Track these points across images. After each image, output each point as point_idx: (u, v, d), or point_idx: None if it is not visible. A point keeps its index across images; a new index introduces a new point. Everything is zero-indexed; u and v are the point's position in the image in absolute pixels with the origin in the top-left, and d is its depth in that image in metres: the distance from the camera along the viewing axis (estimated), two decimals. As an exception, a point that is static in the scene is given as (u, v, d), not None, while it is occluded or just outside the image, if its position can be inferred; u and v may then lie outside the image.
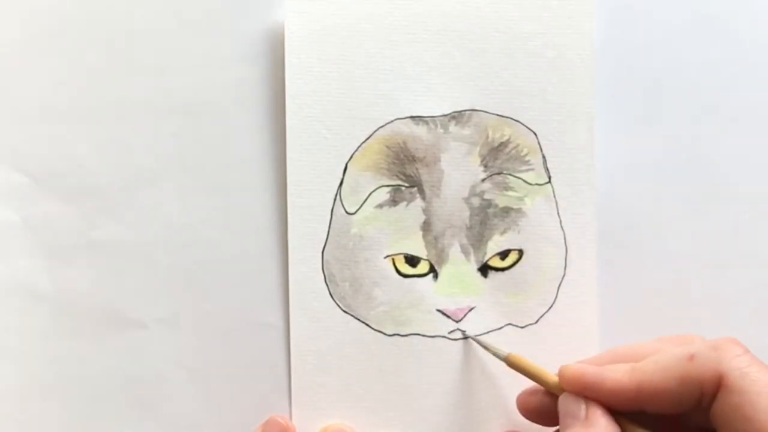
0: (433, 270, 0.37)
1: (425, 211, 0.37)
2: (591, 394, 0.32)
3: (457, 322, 0.37)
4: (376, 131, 0.37)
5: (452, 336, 0.37)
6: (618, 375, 0.31)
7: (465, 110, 0.37)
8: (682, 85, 0.38)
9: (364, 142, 0.37)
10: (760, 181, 0.38)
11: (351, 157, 0.37)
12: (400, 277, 0.37)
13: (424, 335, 0.37)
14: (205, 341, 0.37)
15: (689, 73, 0.38)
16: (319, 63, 0.37)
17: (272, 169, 0.38)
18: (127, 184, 0.38)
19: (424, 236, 0.37)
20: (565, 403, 0.32)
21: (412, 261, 0.37)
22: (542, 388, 0.34)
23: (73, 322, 0.38)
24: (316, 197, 0.37)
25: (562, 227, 0.37)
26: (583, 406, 0.31)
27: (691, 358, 0.30)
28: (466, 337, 0.37)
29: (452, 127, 0.37)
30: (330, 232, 0.37)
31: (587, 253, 0.37)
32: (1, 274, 0.38)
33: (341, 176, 0.37)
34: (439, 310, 0.37)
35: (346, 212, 0.37)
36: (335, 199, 0.37)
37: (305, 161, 0.37)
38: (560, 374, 0.33)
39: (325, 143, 0.37)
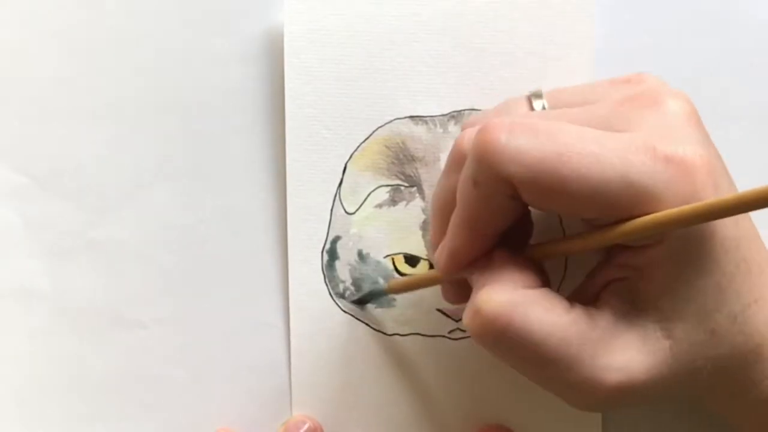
0: (433, 269, 0.37)
1: (425, 210, 0.37)
2: (463, 265, 0.31)
3: (457, 321, 0.37)
4: (375, 131, 0.37)
5: (452, 335, 0.37)
6: (459, 239, 0.30)
7: (465, 110, 0.37)
8: (681, 85, 0.38)
9: (363, 142, 0.37)
10: (760, 180, 0.38)
11: (350, 157, 0.37)
12: (400, 277, 0.37)
13: (424, 335, 0.37)
14: (205, 341, 0.37)
15: (689, 73, 0.38)
16: (318, 63, 0.37)
17: (272, 169, 0.38)
18: (127, 184, 0.38)
19: (423, 236, 0.37)
20: (467, 273, 0.31)
21: (411, 261, 0.37)
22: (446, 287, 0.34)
23: (73, 322, 0.38)
24: (316, 197, 0.37)
25: (562, 226, 0.37)
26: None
27: (475, 184, 0.29)
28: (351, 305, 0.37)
29: (452, 127, 0.37)
30: (330, 232, 0.37)
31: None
32: (0, 274, 0.38)
33: (341, 176, 0.37)
34: (439, 310, 0.37)
35: (346, 212, 0.37)
36: (335, 199, 0.37)
37: (305, 161, 0.37)
38: (437, 269, 0.32)
39: (324, 143, 0.37)
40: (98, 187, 0.38)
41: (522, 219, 0.31)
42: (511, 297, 0.29)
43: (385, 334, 0.37)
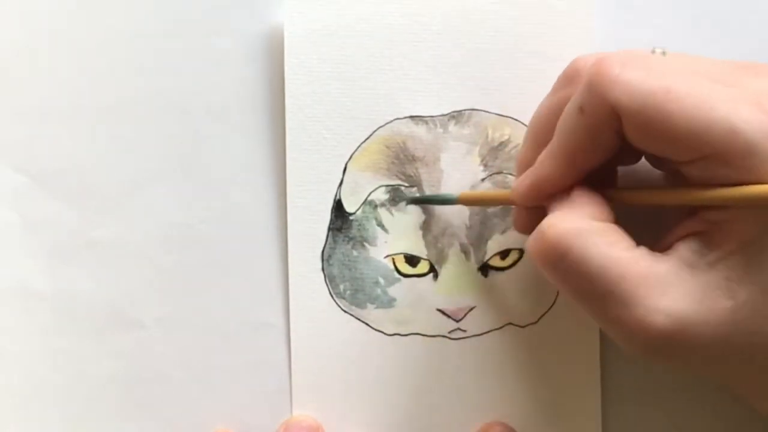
0: (433, 269, 0.37)
1: (425, 210, 0.37)
2: (544, 196, 0.32)
3: (457, 321, 0.37)
4: (375, 131, 0.37)
5: (452, 335, 0.37)
6: (548, 168, 0.31)
7: (464, 110, 0.37)
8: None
9: (363, 142, 0.37)
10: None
11: (351, 157, 0.37)
12: (400, 277, 0.37)
13: (424, 335, 0.37)
14: (205, 341, 0.37)
15: (689, 73, 0.38)
16: (318, 63, 0.37)
17: (272, 169, 0.38)
18: (127, 184, 0.38)
19: (423, 236, 0.37)
20: (547, 203, 0.32)
21: (412, 261, 0.37)
22: (519, 210, 0.34)
23: (73, 322, 0.38)
24: (316, 197, 0.37)
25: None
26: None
27: (581, 111, 0.30)
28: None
29: (452, 127, 0.37)
30: (330, 232, 0.37)
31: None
32: (0, 274, 0.38)
33: (341, 176, 0.37)
34: (439, 310, 0.37)
35: (346, 212, 0.37)
36: (335, 199, 0.37)
37: (305, 161, 0.37)
38: (513, 196, 0.33)
39: (324, 143, 0.37)
40: (98, 187, 0.38)
41: (610, 165, 0.32)
42: (576, 225, 0.29)
43: (385, 334, 0.37)
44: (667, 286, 0.28)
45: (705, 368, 0.30)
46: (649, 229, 0.31)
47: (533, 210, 0.33)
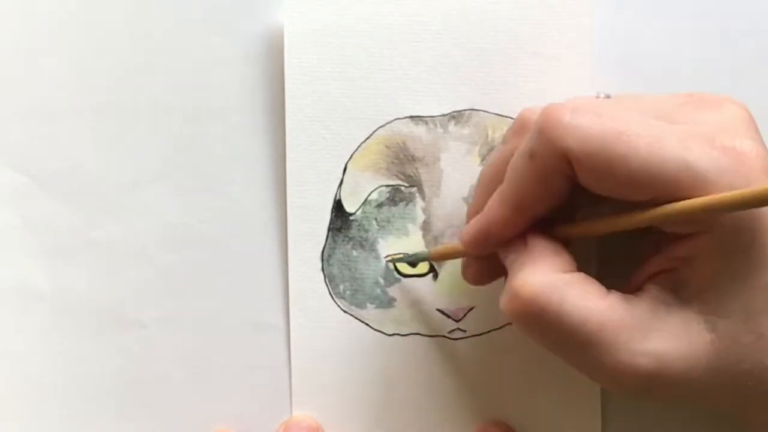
0: (432, 270, 0.37)
1: (425, 210, 0.37)
2: (494, 245, 0.32)
3: (457, 321, 0.37)
4: (375, 131, 0.37)
5: (452, 335, 0.37)
6: (496, 213, 0.31)
7: (464, 110, 0.37)
8: (682, 85, 0.38)
9: (363, 142, 0.37)
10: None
11: (351, 157, 0.37)
12: (400, 277, 0.37)
13: (424, 335, 0.37)
14: (205, 341, 0.37)
15: (689, 73, 0.38)
16: (318, 63, 0.37)
17: (272, 169, 0.38)
18: (127, 184, 0.38)
19: (424, 236, 0.37)
20: (502, 253, 0.32)
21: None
22: (470, 259, 0.34)
23: (73, 322, 0.38)
24: (316, 197, 0.37)
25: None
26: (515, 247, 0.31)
27: (531, 156, 0.30)
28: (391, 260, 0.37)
29: (452, 127, 0.37)
30: (330, 232, 0.37)
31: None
32: (0, 274, 0.38)
33: (341, 176, 0.37)
34: (439, 310, 0.37)
35: (346, 212, 0.37)
36: (335, 199, 0.37)
37: (305, 161, 0.37)
38: (462, 244, 0.33)
39: (324, 143, 0.37)
40: (98, 187, 0.38)
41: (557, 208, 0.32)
42: (548, 280, 0.29)
43: (385, 334, 0.37)
44: (647, 329, 0.29)
45: (693, 401, 0.31)
46: (613, 269, 0.32)
47: (484, 260, 0.33)
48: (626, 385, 0.29)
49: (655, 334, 0.29)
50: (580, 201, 0.31)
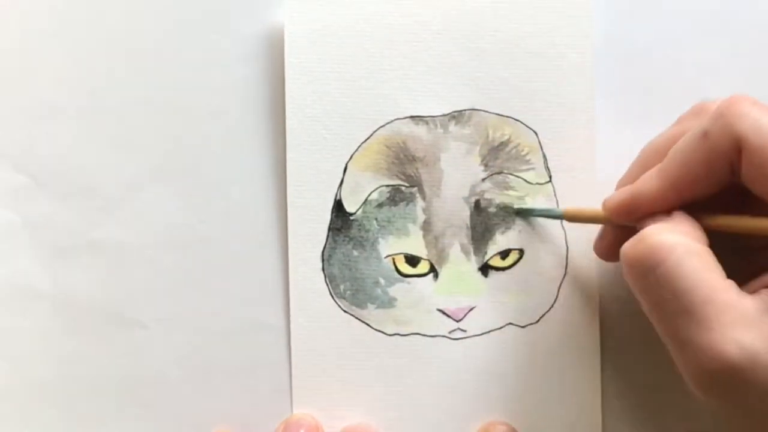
0: (433, 270, 0.37)
1: (425, 210, 0.37)
2: (639, 215, 0.32)
3: (457, 321, 0.37)
4: (376, 131, 0.37)
5: (453, 336, 0.37)
6: (650, 185, 0.31)
7: (465, 110, 0.37)
8: (682, 85, 0.38)
9: (364, 142, 0.37)
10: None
11: (351, 157, 0.37)
12: (401, 277, 0.37)
13: (424, 335, 0.37)
14: (205, 341, 0.37)
15: (689, 73, 0.38)
16: (319, 63, 0.37)
17: (272, 169, 0.38)
18: (127, 184, 0.38)
19: (424, 236, 0.37)
20: (642, 224, 0.32)
21: (412, 261, 0.37)
22: (608, 230, 0.34)
23: (73, 322, 0.38)
24: (316, 197, 0.37)
25: (562, 226, 0.37)
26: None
27: (705, 135, 0.30)
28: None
29: (452, 127, 0.37)
30: (330, 232, 0.37)
31: (588, 252, 0.37)
32: (1, 274, 0.38)
33: (341, 176, 0.37)
34: (439, 310, 0.37)
35: (346, 212, 0.37)
36: (335, 199, 0.37)
37: (305, 161, 0.37)
38: (604, 209, 0.33)
39: (324, 143, 0.37)
40: (98, 187, 0.38)
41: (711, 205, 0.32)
42: (676, 240, 0.30)
43: (385, 334, 0.37)
44: (749, 323, 0.28)
45: (759, 406, 0.30)
46: (735, 271, 0.31)
47: (621, 234, 0.33)
48: (707, 368, 0.28)
49: (754, 331, 0.28)
50: (728, 202, 0.31)
